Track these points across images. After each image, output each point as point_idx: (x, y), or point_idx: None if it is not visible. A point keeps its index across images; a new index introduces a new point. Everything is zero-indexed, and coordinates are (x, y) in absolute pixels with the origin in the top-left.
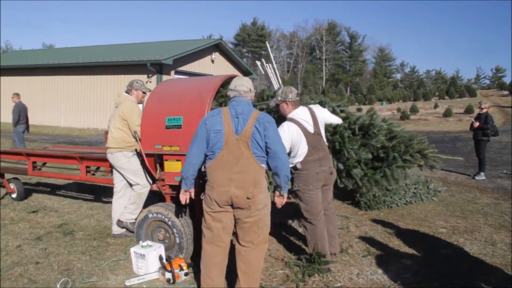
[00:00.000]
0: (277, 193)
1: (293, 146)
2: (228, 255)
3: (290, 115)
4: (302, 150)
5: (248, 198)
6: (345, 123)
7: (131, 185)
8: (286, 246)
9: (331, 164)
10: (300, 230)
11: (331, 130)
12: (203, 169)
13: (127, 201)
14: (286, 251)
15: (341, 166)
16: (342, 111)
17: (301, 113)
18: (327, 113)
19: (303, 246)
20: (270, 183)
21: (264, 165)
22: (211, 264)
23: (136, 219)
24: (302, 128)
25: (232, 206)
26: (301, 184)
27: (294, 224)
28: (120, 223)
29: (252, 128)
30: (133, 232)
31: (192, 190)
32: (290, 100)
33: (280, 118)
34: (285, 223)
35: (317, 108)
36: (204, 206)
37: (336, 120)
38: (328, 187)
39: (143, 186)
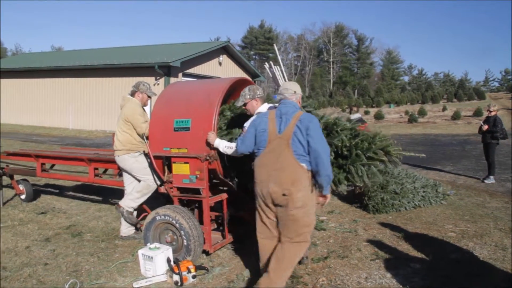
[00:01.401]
0: (319, 193)
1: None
2: None
3: (258, 110)
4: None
5: (284, 195)
6: None
7: (139, 181)
8: None
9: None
10: None
11: None
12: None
13: (134, 189)
14: None
15: None
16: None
17: (267, 108)
18: None
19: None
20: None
21: (304, 164)
22: (268, 258)
23: (134, 209)
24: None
25: (273, 203)
26: None
27: None
28: (118, 207)
29: (293, 128)
30: (126, 219)
31: None
32: (259, 96)
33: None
34: None
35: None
36: (256, 203)
37: None
38: None
39: (151, 181)
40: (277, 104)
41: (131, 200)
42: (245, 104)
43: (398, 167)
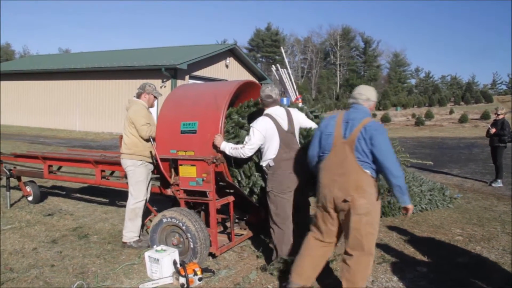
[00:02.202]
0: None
1: (266, 140)
2: (327, 257)
3: (266, 111)
4: (274, 145)
5: (346, 200)
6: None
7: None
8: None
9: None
10: None
11: (304, 133)
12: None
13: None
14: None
15: None
16: (316, 116)
17: (277, 111)
18: (303, 117)
19: None
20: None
21: (368, 171)
22: (306, 254)
23: (138, 235)
24: (276, 124)
25: (335, 209)
26: (275, 185)
27: None
28: (124, 244)
29: (358, 134)
30: (140, 248)
31: None
32: (271, 97)
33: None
34: None
35: (294, 110)
36: (318, 203)
37: (310, 124)
38: (302, 191)
39: (137, 200)
40: (289, 108)
41: (130, 231)
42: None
43: (404, 172)
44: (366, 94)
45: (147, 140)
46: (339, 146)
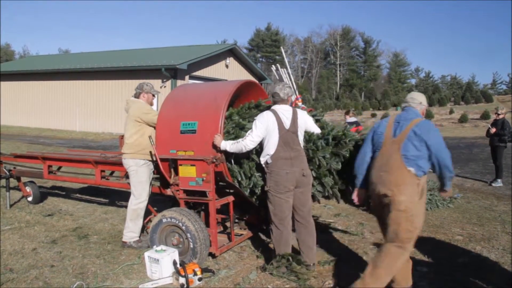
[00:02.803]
0: (440, 187)
1: (267, 134)
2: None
3: (273, 107)
4: (273, 141)
5: (386, 195)
6: (320, 134)
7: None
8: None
9: (305, 166)
10: None
11: (306, 137)
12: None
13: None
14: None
15: (313, 173)
16: (317, 120)
17: (283, 108)
18: (311, 121)
19: None
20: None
21: (412, 169)
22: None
23: (139, 236)
24: (278, 120)
25: (380, 203)
26: (272, 185)
27: None
28: (124, 244)
29: (409, 132)
30: (140, 248)
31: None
32: (280, 96)
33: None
34: None
35: (301, 112)
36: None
37: (315, 129)
38: (303, 191)
39: (139, 200)
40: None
41: (130, 232)
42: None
43: None
44: (419, 98)
45: (136, 137)
46: (388, 145)
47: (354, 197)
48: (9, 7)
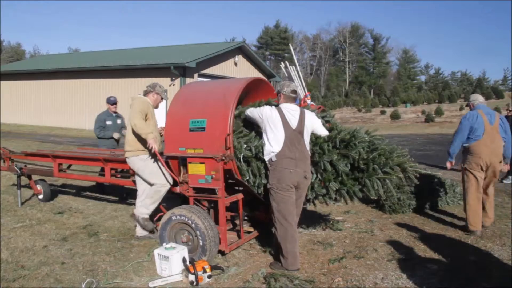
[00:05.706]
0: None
1: (265, 125)
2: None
3: (280, 105)
4: (277, 139)
5: (500, 162)
6: (326, 137)
7: (151, 185)
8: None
9: (308, 169)
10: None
11: (313, 140)
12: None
13: (145, 195)
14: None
15: (319, 176)
16: (327, 121)
17: (289, 107)
18: (319, 123)
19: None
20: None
21: (503, 143)
22: (477, 203)
23: (148, 215)
24: (283, 118)
25: (487, 168)
26: (274, 182)
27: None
28: (133, 216)
29: (499, 121)
30: (143, 227)
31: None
32: (284, 93)
33: None
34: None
35: (310, 113)
36: (470, 171)
37: (323, 132)
38: (300, 194)
39: (163, 185)
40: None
41: (144, 207)
42: (278, 93)
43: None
44: (480, 98)
45: (134, 133)
46: (489, 131)
47: (449, 165)
48: (20, 7)
